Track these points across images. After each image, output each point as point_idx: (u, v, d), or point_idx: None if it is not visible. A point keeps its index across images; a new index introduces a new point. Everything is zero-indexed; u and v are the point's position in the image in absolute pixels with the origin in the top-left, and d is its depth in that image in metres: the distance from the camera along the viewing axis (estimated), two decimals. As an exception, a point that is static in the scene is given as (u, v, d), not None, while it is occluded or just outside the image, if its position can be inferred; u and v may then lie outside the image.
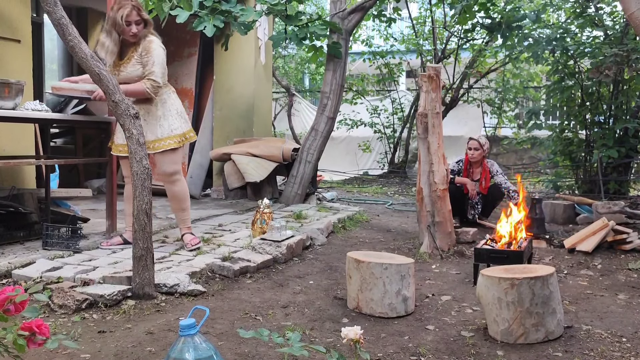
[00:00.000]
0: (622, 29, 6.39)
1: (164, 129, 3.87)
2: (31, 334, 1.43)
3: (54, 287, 3.01)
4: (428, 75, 4.41)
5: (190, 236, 4.02)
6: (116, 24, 3.64)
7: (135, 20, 3.66)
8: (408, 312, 2.95)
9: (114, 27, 3.66)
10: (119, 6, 3.64)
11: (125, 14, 3.61)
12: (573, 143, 7.07)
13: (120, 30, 3.67)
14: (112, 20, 3.65)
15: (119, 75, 3.72)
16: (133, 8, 3.65)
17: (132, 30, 3.67)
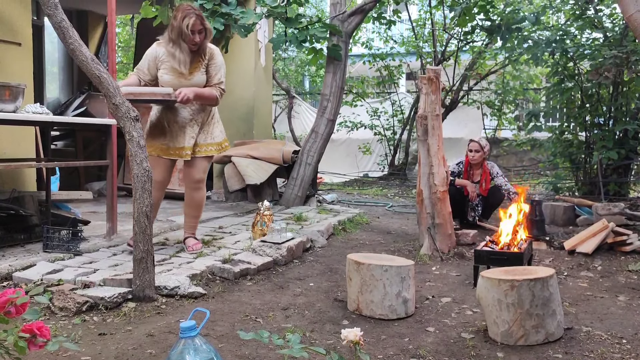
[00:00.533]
0: (621, 30, 6.40)
1: (211, 135, 3.95)
2: (32, 336, 1.43)
3: (54, 289, 3.01)
4: (428, 77, 4.42)
5: (193, 240, 4.03)
6: (182, 32, 3.62)
7: (199, 30, 3.65)
8: (408, 314, 2.95)
9: (180, 37, 3.65)
10: (183, 15, 3.62)
11: (191, 23, 3.60)
12: (573, 145, 7.07)
13: (185, 39, 3.65)
14: (177, 29, 3.63)
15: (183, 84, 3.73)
16: (197, 17, 3.64)
17: (195, 39, 3.66)
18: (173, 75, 3.74)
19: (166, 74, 3.75)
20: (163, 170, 3.87)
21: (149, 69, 3.80)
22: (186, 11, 3.63)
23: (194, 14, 3.63)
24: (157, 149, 3.85)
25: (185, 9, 3.64)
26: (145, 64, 3.80)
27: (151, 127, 3.90)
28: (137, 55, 7.51)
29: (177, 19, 3.63)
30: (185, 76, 3.76)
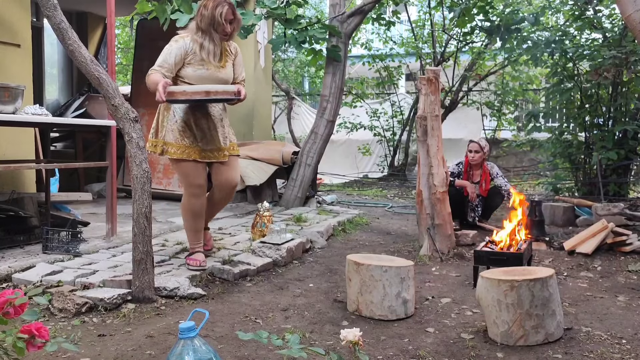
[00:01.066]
0: (620, 31, 6.40)
1: (232, 134, 3.77)
2: (31, 336, 1.43)
3: (54, 290, 3.01)
4: (427, 78, 4.42)
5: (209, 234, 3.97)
6: (215, 21, 3.39)
7: (230, 19, 3.45)
8: (408, 314, 2.95)
9: (211, 26, 3.40)
10: (215, 3, 3.39)
11: (224, 12, 3.39)
12: (572, 145, 7.07)
13: (218, 28, 3.41)
14: (209, 18, 3.38)
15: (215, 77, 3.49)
16: (230, 6, 3.44)
17: (227, 28, 3.44)
18: (204, 68, 3.45)
19: (198, 68, 3.45)
20: (204, 173, 3.57)
21: (176, 64, 3.45)
22: (217, 0, 3.40)
23: (226, 2, 3.42)
24: (192, 152, 3.50)
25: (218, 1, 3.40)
26: (172, 58, 3.42)
27: (176, 130, 3.50)
28: (136, 57, 7.51)
29: (207, 8, 3.39)
30: (218, 69, 3.50)
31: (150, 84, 3.34)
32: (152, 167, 6.80)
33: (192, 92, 3.30)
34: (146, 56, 7.30)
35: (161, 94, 3.19)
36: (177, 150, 3.47)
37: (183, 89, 3.31)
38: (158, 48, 7.70)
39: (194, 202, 3.56)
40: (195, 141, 3.51)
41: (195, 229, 3.64)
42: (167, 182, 6.91)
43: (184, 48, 3.45)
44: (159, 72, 3.38)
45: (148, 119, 7.09)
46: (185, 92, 3.30)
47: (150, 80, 3.35)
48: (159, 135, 3.56)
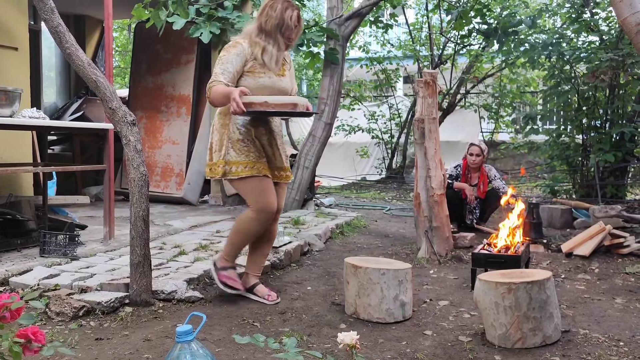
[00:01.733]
0: (617, 34, 6.43)
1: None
2: (27, 341, 1.43)
3: (51, 294, 3.01)
4: (424, 80, 4.43)
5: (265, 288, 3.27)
6: (284, 25, 3.01)
7: (296, 25, 3.08)
8: (406, 317, 2.95)
9: (279, 29, 3.02)
10: (284, 6, 3.01)
11: (295, 16, 3.03)
12: (570, 147, 7.09)
13: (285, 33, 3.04)
14: (277, 20, 2.99)
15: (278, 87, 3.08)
16: (298, 11, 3.09)
17: (292, 34, 3.09)
18: (266, 76, 3.04)
19: (259, 76, 3.02)
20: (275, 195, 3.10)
21: (237, 72, 3.00)
22: (286, 2, 3.03)
23: (294, 5, 3.07)
24: (262, 167, 3.03)
25: (285, 0, 3.04)
26: (232, 66, 2.98)
27: (239, 146, 3.03)
28: (134, 60, 7.51)
29: (275, 10, 3.00)
30: (279, 78, 3.09)
31: (218, 96, 2.92)
32: (150, 170, 6.80)
33: (275, 103, 2.87)
34: (144, 59, 7.31)
35: (239, 104, 2.76)
36: (244, 167, 2.99)
37: (264, 99, 2.86)
38: (156, 51, 7.73)
39: (257, 227, 3.07)
40: (260, 157, 3.05)
41: (240, 248, 3.22)
42: (165, 185, 6.91)
43: (243, 54, 3.01)
44: (221, 83, 2.94)
45: (146, 122, 7.10)
46: (267, 103, 2.85)
47: (217, 92, 2.91)
48: (219, 155, 3.05)
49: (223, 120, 3.08)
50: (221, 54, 3.04)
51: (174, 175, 6.89)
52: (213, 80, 2.96)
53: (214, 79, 2.97)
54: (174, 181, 6.86)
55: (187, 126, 6.88)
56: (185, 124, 6.90)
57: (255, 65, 3.02)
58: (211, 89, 2.95)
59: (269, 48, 3.03)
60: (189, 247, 4.24)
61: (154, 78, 7.18)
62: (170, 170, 6.92)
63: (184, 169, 6.81)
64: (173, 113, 7.00)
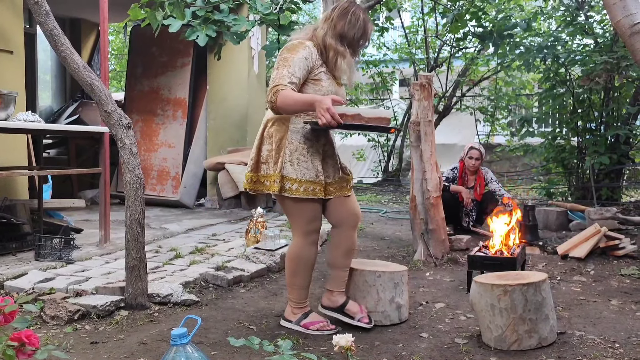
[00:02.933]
0: (612, 37, 6.46)
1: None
2: (20, 344, 1.42)
3: (46, 298, 3.00)
4: (420, 83, 4.44)
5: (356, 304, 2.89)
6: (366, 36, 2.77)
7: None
8: (402, 319, 2.95)
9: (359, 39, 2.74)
10: (366, 17, 2.77)
11: (371, 29, 2.81)
12: (565, 150, 7.12)
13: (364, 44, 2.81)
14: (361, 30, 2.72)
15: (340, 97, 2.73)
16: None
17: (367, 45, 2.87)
18: (333, 86, 2.72)
19: (328, 85, 2.69)
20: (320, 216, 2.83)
21: (304, 77, 2.65)
22: (366, 13, 2.79)
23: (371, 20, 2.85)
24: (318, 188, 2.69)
25: (364, 9, 2.79)
26: (300, 71, 2.60)
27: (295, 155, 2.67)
28: (130, 63, 7.51)
29: (358, 17, 2.70)
30: (339, 87, 2.79)
31: (292, 102, 2.51)
32: (146, 174, 6.79)
33: (369, 117, 2.56)
34: (140, 62, 7.31)
35: (335, 116, 2.41)
36: (299, 187, 2.65)
37: (357, 111, 2.56)
38: (152, 54, 7.73)
39: (311, 251, 2.77)
40: (319, 174, 2.70)
41: (306, 285, 2.84)
42: (160, 188, 6.90)
43: (311, 58, 2.65)
44: (288, 88, 2.53)
45: (142, 125, 7.09)
46: (360, 116, 2.54)
47: (292, 99, 2.51)
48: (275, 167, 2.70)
49: (280, 128, 2.70)
50: (285, 55, 2.62)
51: (170, 179, 6.88)
52: (279, 84, 2.52)
53: (279, 82, 2.53)
54: (170, 184, 6.85)
55: (183, 129, 6.88)
56: (181, 127, 6.89)
57: (322, 73, 2.68)
58: (279, 93, 2.50)
59: (348, 56, 2.70)
60: (184, 251, 4.24)
61: (149, 81, 7.18)
62: (166, 173, 6.91)
63: (180, 172, 6.80)
64: (169, 116, 7.00)
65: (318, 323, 2.79)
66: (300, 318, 2.81)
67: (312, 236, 2.77)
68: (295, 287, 2.82)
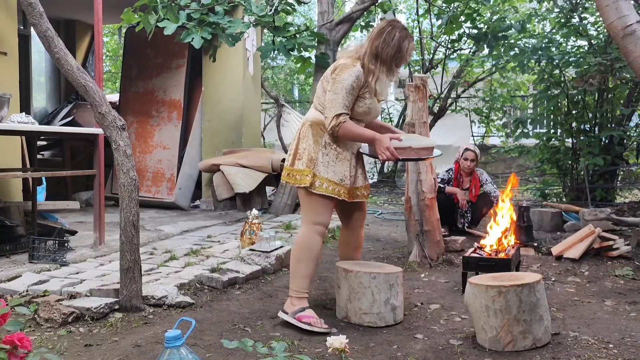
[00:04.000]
0: (605, 38, 6.48)
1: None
2: (13, 347, 1.42)
3: (40, 300, 2.98)
4: (415, 85, 4.44)
5: None
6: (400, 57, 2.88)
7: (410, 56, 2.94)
8: (397, 321, 2.95)
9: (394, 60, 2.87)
10: (403, 34, 2.86)
11: (411, 47, 2.89)
12: (560, 151, 7.14)
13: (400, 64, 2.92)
14: (395, 49, 2.84)
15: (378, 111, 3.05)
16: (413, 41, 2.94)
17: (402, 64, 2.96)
18: (372, 101, 2.94)
19: (367, 100, 2.91)
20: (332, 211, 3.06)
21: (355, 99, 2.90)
22: (405, 31, 2.88)
23: (412, 37, 2.90)
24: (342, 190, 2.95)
25: (403, 28, 2.88)
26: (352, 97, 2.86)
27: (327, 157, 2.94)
28: (125, 65, 7.49)
29: (394, 37, 2.83)
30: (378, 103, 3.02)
31: (353, 136, 2.86)
32: (141, 175, 6.78)
33: (419, 147, 2.89)
34: (135, 64, 7.30)
35: (394, 154, 2.79)
36: (328, 185, 2.90)
37: (409, 145, 2.85)
38: (147, 56, 7.72)
39: (316, 241, 2.93)
40: (346, 178, 2.95)
41: (310, 275, 2.96)
42: (155, 190, 6.88)
43: (359, 80, 2.85)
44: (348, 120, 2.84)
45: (137, 127, 7.07)
46: (411, 149, 2.86)
47: (354, 133, 2.84)
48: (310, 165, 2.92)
49: (318, 132, 2.93)
50: (339, 77, 2.84)
51: (165, 180, 6.87)
52: (342, 114, 2.80)
53: (341, 111, 2.81)
54: (165, 186, 6.84)
55: (178, 131, 6.87)
56: (176, 128, 6.88)
57: (366, 92, 2.89)
58: (341, 125, 2.81)
59: (383, 77, 2.88)
60: (179, 252, 4.23)
61: (144, 83, 7.16)
62: (161, 175, 6.89)
63: (175, 173, 6.79)
64: (164, 118, 6.99)
65: (311, 318, 2.83)
66: (296, 310, 2.87)
67: (319, 228, 2.96)
68: (298, 276, 2.93)
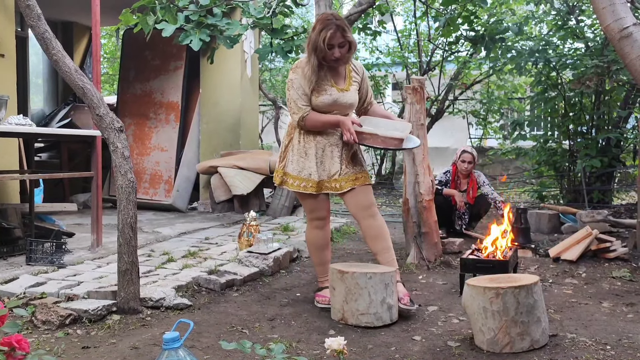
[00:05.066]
0: (602, 40, 6.50)
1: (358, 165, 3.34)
2: (11, 349, 1.41)
3: (37, 302, 2.98)
4: (412, 87, 4.45)
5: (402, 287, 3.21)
6: (317, 47, 3.03)
7: (339, 43, 3.04)
8: (393, 320, 2.95)
9: (314, 51, 3.05)
10: (322, 26, 3.04)
11: (328, 36, 3.00)
12: (557, 153, 7.15)
13: (322, 54, 3.06)
14: (312, 42, 3.05)
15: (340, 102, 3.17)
16: (337, 29, 3.02)
17: (334, 54, 3.06)
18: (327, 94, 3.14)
19: (321, 94, 3.13)
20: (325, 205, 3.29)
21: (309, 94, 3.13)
22: (325, 21, 3.03)
23: (334, 24, 3.02)
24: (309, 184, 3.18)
25: (324, 19, 3.05)
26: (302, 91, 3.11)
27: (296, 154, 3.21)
28: (122, 67, 7.49)
29: (314, 30, 3.06)
30: (342, 93, 3.18)
31: (319, 124, 3.11)
32: (139, 177, 6.77)
33: (384, 136, 3.03)
34: (133, 66, 7.30)
35: (353, 134, 2.98)
36: (294, 182, 3.19)
37: (374, 131, 3.03)
38: (144, 58, 7.73)
39: (316, 234, 3.31)
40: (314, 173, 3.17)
41: (320, 262, 3.37)
42: (153, 192, 6.88)
43: (307, 74, 3.10)
44: (307, 109, 3.10)
45: (135, 129, 7.07)
46: (376, 136, 3.02)
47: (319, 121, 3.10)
48: (281, 165, 3.26)
49: (291, 132, 3.24)
50: (289, 77, 3.17)
51: (162, 182, 6.86)
52: (302, 110, 3.09)
53: (299, 106, 3.09)
54: (163, 188, 6.83)
55: (175, 133, 6.87)
56: (174, 130, 6.88)
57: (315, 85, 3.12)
58: (306, 118, 3.09)
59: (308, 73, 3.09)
60: (177, 254, 4.23)
61: (142, 85, 7.16)
62: (159, 177, 6.89)
63: (172, 175, 6.78)
64: (162, 120, 6.99)
65: (324, 297, 3.24)
66: (318, 289, 3.38)
67: (315, 222, 3.30)
68: (314, 265, 3.48)
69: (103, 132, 3.11)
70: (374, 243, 3.26)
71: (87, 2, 4.36)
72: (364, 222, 3.25)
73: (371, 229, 3.24)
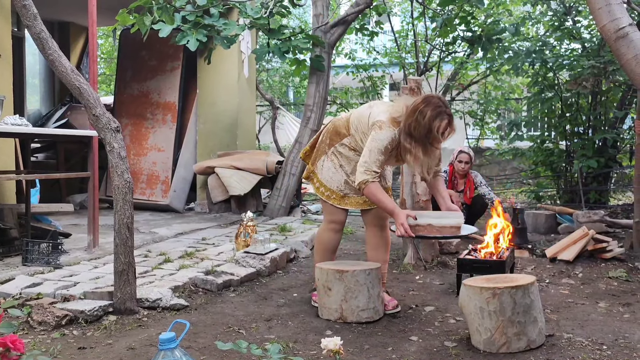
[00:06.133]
0: (599, 41, 6.52)
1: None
2: (6, 349, 1.41)
3: (33, 303, 2.97)
4: (409, 87, 4.45)
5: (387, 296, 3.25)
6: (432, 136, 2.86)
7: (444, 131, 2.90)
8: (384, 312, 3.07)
9: (427, 138, 2.87)
10: (434, 113, 2.83)
11: (443, 126, 2.85)
12: (554, 154, 7.17)
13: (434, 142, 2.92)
14: (425, 129, 2.84)
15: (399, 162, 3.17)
16: (450, 118, 2.89)
17: (441, 141, 2.95)
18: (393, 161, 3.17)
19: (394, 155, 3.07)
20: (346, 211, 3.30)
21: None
22: (438, 109, 2.85)
23: (446, 114, 2.87)
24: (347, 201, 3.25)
25: (436, 106, 2.86)
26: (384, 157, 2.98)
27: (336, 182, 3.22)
28: (119, 67, 7.48)
29: (425, 115, 2.83)
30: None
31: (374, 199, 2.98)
32: (135, 178, 6.76)
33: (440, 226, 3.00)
34: (129, 66, 7.28)
35: (408, 231, 2.90)
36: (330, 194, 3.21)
37: (428, 222, 2.99)
38: (141, 58, 7.71)
39: (329, 236, 3.30)
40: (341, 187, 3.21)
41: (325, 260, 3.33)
42: (150, 192, 6.86)
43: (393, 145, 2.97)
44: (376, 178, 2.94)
45: (131, 129, 7.06)
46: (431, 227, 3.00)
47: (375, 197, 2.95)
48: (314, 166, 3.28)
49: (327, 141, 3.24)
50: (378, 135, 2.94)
51: (159, 183, 6.85)
52: (369, 173, 2.92)
53: (369, 168, 2.92)
54: (160, 188, 6.82)
55: (172, 133, 6.86)
56: (171, 131, 6.87)
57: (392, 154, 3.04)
58: (368, 184, 2.92)
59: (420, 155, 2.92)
60: (174, 255, 4.22)
61: (139, 85, 7.15)
62: (155, 177, 6.87)
63: (169, 176, 6.77)
64: (159, 120, 6.97)
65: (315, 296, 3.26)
66: (314, 289, 3.32)
67: (331, 225, 3.30)
68: (314, 265, 3.30)
69: (99, 132, 3.10)
70: (375, 252, 3.31)
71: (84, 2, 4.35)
72: (373, 229, 3.30)
73: (376, 238, 3.31)
